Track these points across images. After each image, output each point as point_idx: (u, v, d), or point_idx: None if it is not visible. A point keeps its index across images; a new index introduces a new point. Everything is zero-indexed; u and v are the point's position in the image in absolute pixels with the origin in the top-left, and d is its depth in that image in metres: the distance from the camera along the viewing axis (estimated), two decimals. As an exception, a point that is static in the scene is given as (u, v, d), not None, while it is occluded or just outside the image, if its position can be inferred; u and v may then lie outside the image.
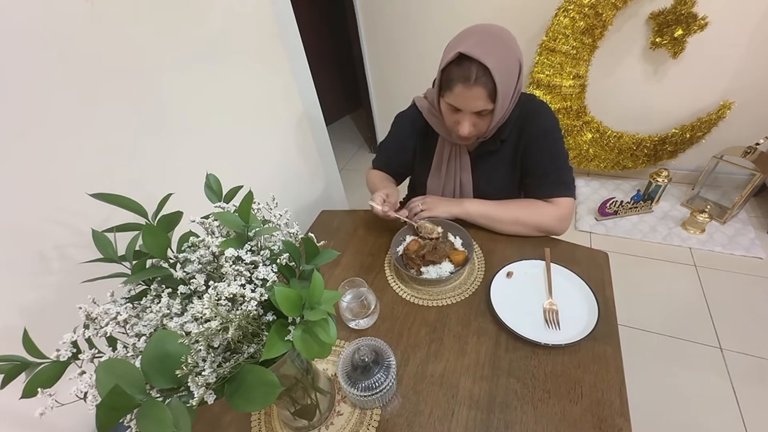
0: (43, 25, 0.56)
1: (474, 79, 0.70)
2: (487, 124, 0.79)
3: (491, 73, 0.69)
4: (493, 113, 0.76)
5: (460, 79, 0.71)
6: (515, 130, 0.87)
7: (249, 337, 0.39)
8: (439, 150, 0.95)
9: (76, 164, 0.63)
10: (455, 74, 0.72)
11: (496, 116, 0.76)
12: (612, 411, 0.57)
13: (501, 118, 0.81)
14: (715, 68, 1.69)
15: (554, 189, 0.86)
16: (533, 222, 0.86)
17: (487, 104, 0.73)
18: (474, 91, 0.71)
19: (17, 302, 0.57)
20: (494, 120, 0.78)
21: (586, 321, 0.68)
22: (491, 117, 0.77)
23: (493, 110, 0.75)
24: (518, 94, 0.81)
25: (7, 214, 0.55)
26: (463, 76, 0.71)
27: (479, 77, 0.70)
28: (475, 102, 0.73)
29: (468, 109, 0.75)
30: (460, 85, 0.72)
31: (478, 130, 0.81)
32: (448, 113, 0.80)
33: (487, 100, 0.73)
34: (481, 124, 0.79)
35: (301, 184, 1.31)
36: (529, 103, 0.87)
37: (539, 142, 0.85)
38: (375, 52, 2.35)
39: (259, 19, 1.00)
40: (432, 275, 0.79)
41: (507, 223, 0.88)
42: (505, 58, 0.71)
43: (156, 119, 0.76)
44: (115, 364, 0.33)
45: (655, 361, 1.32)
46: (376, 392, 0.56)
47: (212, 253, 0.41)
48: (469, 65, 0.70)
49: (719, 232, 1.76)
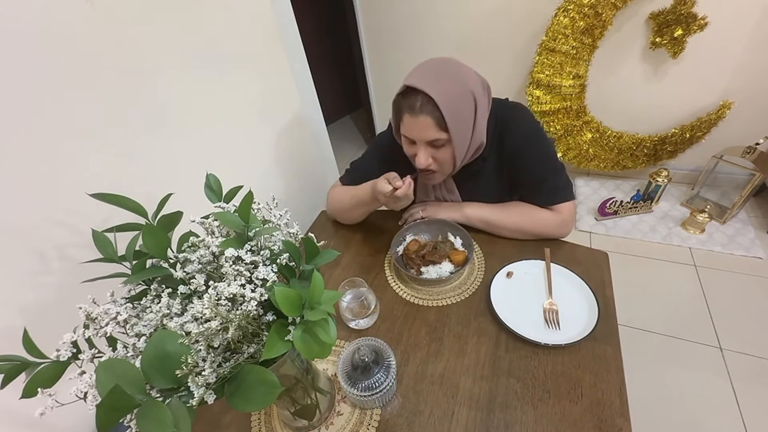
0: (43, 25, 0.56)
1: (419, 107, 0.71)
2: (449, 156, 0.77)
3: (435, 102, 0.69)
4: (451, 144, 0.74)
5: (407, 109, 0.73)
6: (494, 144, 0.84)
7: (249, 337, 0.39)
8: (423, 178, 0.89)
9: (76, 164, 0.63)
10: (402, 105, 0.74)
11: (456, 148, 0.75)
12: (612, 411, 0.57)
13: (466, 153, 0.78)
14: (715, 68, 1.69)
15: (552, 197, 0.84)
16: (535, 230, 0.86)
17: (437, 133, 0.72)
18: (420, 120, 0.72)
19: (17, 302, 0.57)
20: (456, 152, 0.76)
21: (586, 321, 0.68)
22: (450, 148, 0.76)
23: (449, 140, 0.74)
24: (481, 122, 0.78)
25: (7, 214, 0.55)
26: (408, 105, 0.72)
27: (423, 105, 0.70)
28: (424, 131, 0.73)
29: (419, 138, 0.75)
30: (407, 115, 0.73)
31: (441, 166, 0.79)
32: (406, 145, 0.80)
33: (437, 129, 0.72)
34: (441, 155, 0.77)
35: (301, 184, 1.31)
36: (502, 111, 0.83)
37: (523, 151, 0.83)
38: (375, 52, 2.35)
39: (259, 19, 1.00)
40: (432, 275, 0.79)
41: (508, 230, 0.88)
42: (452, 88, 0.71)
43: (156, 119, 0.76)
44: (115, 364, 0.33)
45: (655, 361, 1.32)
46: (376, 392, 0.56)
47: (212, 253, 0.41)
48: (414, 95, 0.71)
49: (719, 232, 1.76)
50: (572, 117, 1.92)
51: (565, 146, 2.03)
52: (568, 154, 2.05)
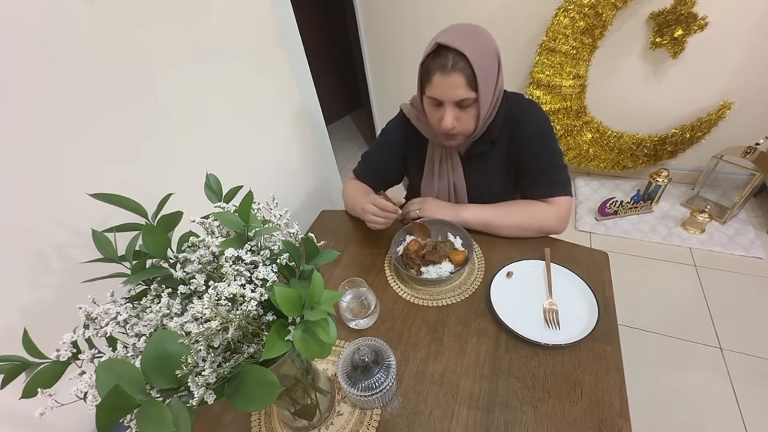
0: (43, 25, 0.56)
1: (451, 65, 0.70)
2: (473, 119, 0.78)
3: (468, 60, 0.69)
4: (477, 103, 0.75)
5: (438, 68, 0.72)
6: (506, 130, 0.86)
7: (249, 337, 0.39)
8: (430, 155, 0.95)
9: (76, 164, 0.63)
10: (433, 65, 0.73)
11: (482, 108, 0.75)
12: (612, 411, 0.57)
13: (488, 115, 0.79)
14: (715, 68, 1.69)
15: (552, 189, 0.86)
16: (535, 226, 0.86)
17: (467, 92, 0.73)
18: (452, 78, 0.71)
19: (17, 302, 0.57)
20: (481, 113, 0.76)
21: (586, 321, 0.68)
22: (476, 109, 0.76)
23: (476, 100, 0.74)
24: (501, 90, 0.80)
25: (7, 214, 0.55)
26: (441, 64, 0.72)
27: (456, 63, 0.70)
28: (454, 90, 0.73)
29: (448, 98, 0.74)
30: (438, 74, 0.73)
31: (464, 126, 0.79)
32: (432, 110, 0.80)
33: (467, 88, 0.72)
34: (465, 117, 0.77)
35: (301, 184, 1.31)
36: (517, 104, 0.86)
37: (533, 142, 0.85)
38: (375, 52, 2.35)
39: (259, 19, 1.00)
40: (432, 275, 0.79)
41: (508, 229, 0.87)
42: (481, 47, 0.72)
43: (156, 119, 0.76)
44: (115, 364, 0.33)
45: (655, 361, 1.32)
46: (376, 392, 0.56)
47: (212, 253, 0.41)
48: (446, 53, 0.71)
49: (719, 232, 1.76)
50: (572, 117, 1.92)
51: (566, 146, 2.03)
52: (569, 154, 2.05)
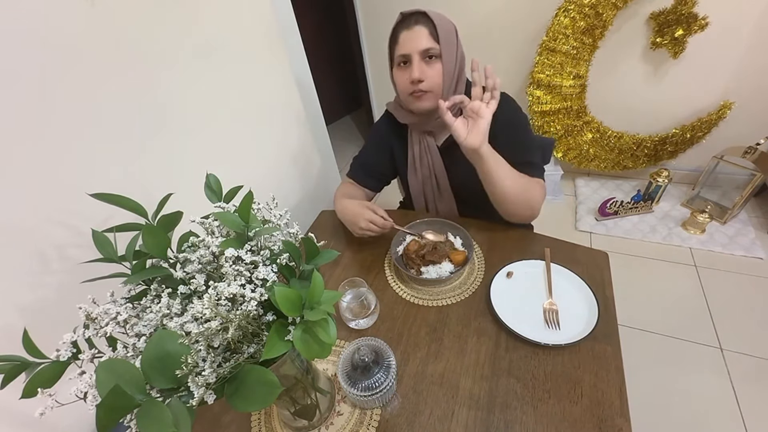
0: (42, 25, 0.56)
1: (414, 21, 0.80)
2: (439, 74, 0.82)
3: (429, 16, 0.79)
4: (440, 59, 0.81)
5: (403, 28, 0.81)
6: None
7: (249, 337, 0.39)
8: (411, 146, 0.97)
9: (76, 164, 0.63)
10: (399, 28, 0.82)
11: (445, 62, 0.81)
12: (612, 411, 0.57)
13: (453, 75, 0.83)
14: (715, 68, 1.69)
15: (532, 172, 0.84)
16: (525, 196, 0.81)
17: (430, 42, 0.79)
18: (415, 31, 0.79)
19: (17, 302, 0.57)
20: (445, 68, 0.81)
21: (586, 321, 0.68)
22: (440, 64, 0.81)
23: (440, 55, 0.80)
24: (462, 57, 0.86)
25: (7, 214, 0.55)
26: (405, 25, 0.81)
27: (417, 20, 0.80)
28: (419, 40, 0.79)
29: (414, 48, 0.80)
30: (404, 32, 0.81)
31: (431, 82, 0.82)
32: (401, 75, 0.85)
33: (430, 38, 0.79)
34: (432, 73, 0.81)
35: (301, 184, 1.31)
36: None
37: (508, 130, 0.84)
38: (375, 52, 2.35)
39: (259, 19, 1.00)
40: (432, 275, 0.79)
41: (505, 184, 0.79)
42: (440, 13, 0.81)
43: (156, 119, 0.76)
44: (115, 364, 0.33)
45: (655, 361, 1.32)
46: (376, 392, 0.56)
47: (212, 253, 0.41)
48: (410, 16, 0.81)
49: (719, 232, 1.76)
50: (573, 117, 1.92)
51: (566, 146, 2.03)
52: (569, 154, 2.05)
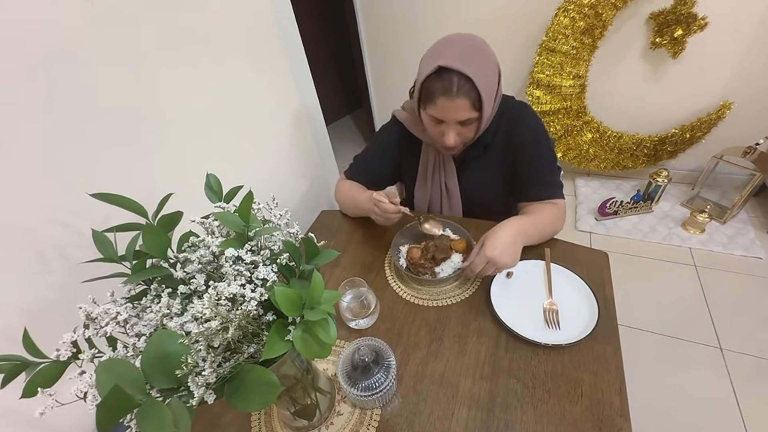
0: (42, 25, 0.56)
1: (456, 90, 0.69)
2: (473, 132, 0.79)
3: (474, 83, 0.68)
4: (479, 120, 0.76)
5: (442, 92, 0.71)
6: (501, 134, 0.86)
7: (249, 337, 0.39)
8: (424, 159, 0.95)
9: (76, 164, 0.63)
10: (436, 87, 0.71)
11: (483, 122, 0.76)
12: (612, 411, 0.57)
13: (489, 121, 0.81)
14: (715, 68, 1.69)
15: (553, 191, 0.86)
16: (552, 230, 0.85)
17: (471, 113, 0.73)
18: (457, 103, 0.70)
19: (17, 302, 0.57)
20: (481, 127, 0.78)
21: (586, 321, 0.68)
22: (477, 124, 0.77)
23: (478, 118, 0.75)
24: (500, 98, 0.81)
25: (7, 214, 0.55)
26: (444, 88, 0.70)
27: (461, 87, 0.69)
28: (459, 113, 0.73)
29: (452, 120, 0.74)
30: (442, 98, 0.71)
31: (464, 138, 0.80)
32: (432, 125, 0.79)
33: (471, 110, 0.72)
34: (466, 132, 0.78)
35: (301, 184, 1.31)
36: (508, 105, 0.86)
37: (529, 146, 0.85)
38: (375, 52, 2.35)
39: (259, 19, 1.00)
40: (448, 271, 0.79)
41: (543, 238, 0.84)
42: (484, 65, 0.71)
43: (156, 119, 0.76)
44: (115, 364, 0.33)
45: (655, 361, 1.32)
46: (376, 392, 0.56)
47: (212, 253, 0.41)
48: (450, 76, 0.69)
49: (719, 232, 1.76)
50: (572, 117, 1.92)
51: (565, 146, 2.03)
52: (569, 154, 2.05)
